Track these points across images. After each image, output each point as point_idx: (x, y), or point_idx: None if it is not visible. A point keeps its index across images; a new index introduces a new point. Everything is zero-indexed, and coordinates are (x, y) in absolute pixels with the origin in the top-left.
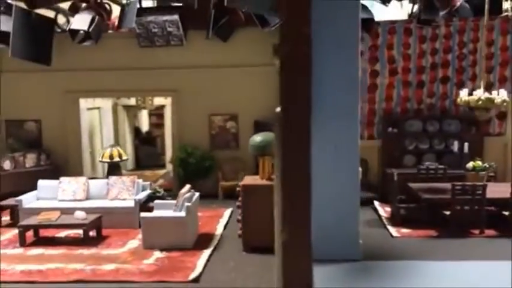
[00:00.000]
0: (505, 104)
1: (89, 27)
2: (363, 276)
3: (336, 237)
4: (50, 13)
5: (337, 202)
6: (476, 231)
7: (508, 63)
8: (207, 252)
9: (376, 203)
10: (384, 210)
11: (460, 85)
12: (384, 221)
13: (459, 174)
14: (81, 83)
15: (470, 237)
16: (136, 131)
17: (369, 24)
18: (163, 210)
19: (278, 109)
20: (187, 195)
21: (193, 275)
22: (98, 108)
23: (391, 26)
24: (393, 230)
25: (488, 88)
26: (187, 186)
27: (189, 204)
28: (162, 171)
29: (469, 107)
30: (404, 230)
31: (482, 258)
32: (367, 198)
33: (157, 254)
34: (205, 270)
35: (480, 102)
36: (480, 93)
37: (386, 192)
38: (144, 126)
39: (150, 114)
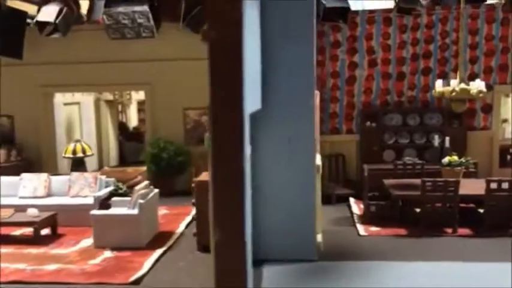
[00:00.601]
0: (481, 95)
1: (56, 18)
2: (313, 277)
3: (290, 236)
4: (22, 5)
5: (292, 199)
6: (449, 230)
7: (493, 53)
8: (159, 252)
9: (351, 200)
10: (358, 208)
11: (443, 77)
12: (355, 218)
13: (438, 170)
14: (54, 77)
15: (442, 237)
16: (122, 127)
17: (345, 13)
18: (120, 208)
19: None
20: (143, 191)
21: (135, 276)
22: (78, 103)
23: (370, 15)
24: (362, 229)
25: (472, 79)
26: (145, 183)
27: (142, 201)
28: (144, 168)
29: (446, 99)
30: (374, 229)
31: (449, 259)
32: (344, 194)
33: (107, 253)
34: (152, 270)
35: (454, 93)
36: (455, 84)
37: (363, 188)
38: (133, 122)
39: (139, 110)
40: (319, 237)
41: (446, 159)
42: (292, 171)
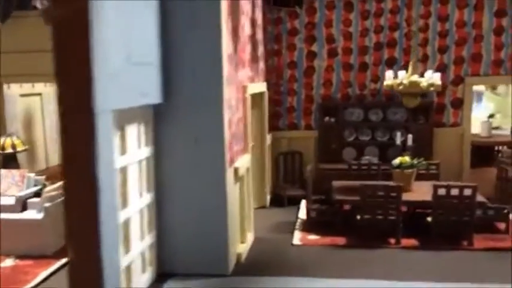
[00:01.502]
0: (432, 88)
1: None
2: None
3: (199, 247)
4: None
5: (200, 206)
6: (393, 241)
7: (465, 41)
8: (63, 261)
9: (302, 203)
10: (306, 212)
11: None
12: (297, 224)
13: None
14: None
15: (383, 248)
16: None
17: None
18: (29, 211)
19: None
20: (54, 193)
21: None
22: (39, 94)
23: (329, 0)
24: (298, 237)
25: (442, 70)
26: (57, 184)
27: (48, 204)
28: None
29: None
30: (311, 237)
31: (385, 276)
32: (297, 196)
33: (8, 262)
34: (47, 282)
35: (401, 86)
36: (403, 76)
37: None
38: None
39: None
40: (241, 248)
41: (396, 161)
42: (199, 175)
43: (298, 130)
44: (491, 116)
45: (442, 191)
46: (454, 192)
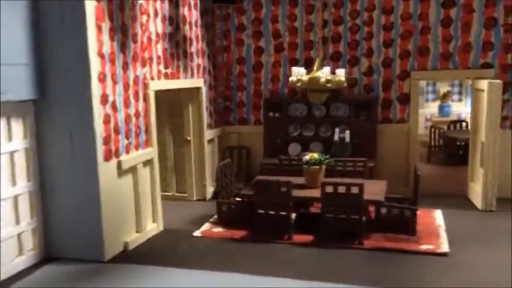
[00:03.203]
0: (329, 84)
1: None
2: (79, 279)
3: (79, 235)
4: None
5: (78, 197)
6: (286, 236)
7: (411, 34)
8: None
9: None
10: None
11: (354, 62)
12: (213, 218)
13: (327, 168)
14: None
15: (273, 243)
16: None
17: None
18: None
19: None
20: None
21: None
22: None
23: None
24: (202, 229)
25: (388, 65)
26: None
27: None
28: None
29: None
30: (216, 230)
31: (254, 272)
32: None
33: None
34: None
35: (299, 83)
36: (302, 72)
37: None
38: None
39: None
40: (132, 237)
41: (307, 157)
42: (75, 167)
43: (247, 125)
44: None
45: (330, 189)
46: (342, 190)
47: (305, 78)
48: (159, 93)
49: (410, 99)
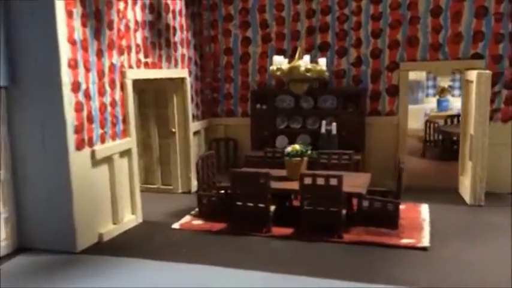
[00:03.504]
0: (308, 74)
1: None
2: (45, 270)
3: (51, 225)
4: None
5: (49, 186)
6: (265, 229)
7: (400, 24)
8: None
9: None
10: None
11: (343, 53)
12: (194, 210)
13: (311, 160)
14: None
15: (251, 236)
16: None
17: None
18: None
19: None
20: None
21: None
22: None
23: None
24: (181, 221)
25: (377, 56)
26: None
27: None
28: None
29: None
30: (195, 222)
31: (229, 264)
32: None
33: None
34: None
35: (279, 72)
36: (281, 61)
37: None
38: None
39: None
40: (108, 228)
41: (289, 149)
42: (47, 157)
43: (235, 117)
44: None
45: (308, 180)
46: (320, 181)
47: (285, 67)
48: (143, 82)
49: (399, 91)
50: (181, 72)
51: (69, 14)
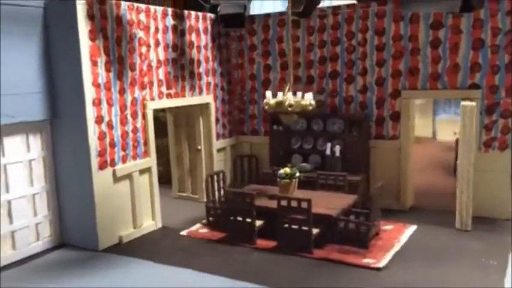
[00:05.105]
0: (290, 108)
1: None
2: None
3: (81, 227)
4: None
5: (78, 197)
6: (250, 243)
7: (402, 54)
8: None
9: None
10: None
11: (350, 80)
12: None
13: (311, 179)
14: None
15: (239, 246)
16: None
17: (240, 19)
18: None
19: None
20: None
21: None
22: None
23: (281, 18)
24: (194, 229)
25: (380, 84)
26: None
27: None
28: None
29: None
30: (202, 231)
31: (209, 270)
32: None
33: None
34: None
35: (267, 106)
36: (269, 96)
37: None
38: None
39: None
40: (128, 232)
41: (282, 171)
42: (77, 175)
43: (259, 136)
44: None
45: (284, 202)
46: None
47: (272, 102)
48: (174, 109)
49: (400, 117)
50: (205, 98)
51: (94, 63)
